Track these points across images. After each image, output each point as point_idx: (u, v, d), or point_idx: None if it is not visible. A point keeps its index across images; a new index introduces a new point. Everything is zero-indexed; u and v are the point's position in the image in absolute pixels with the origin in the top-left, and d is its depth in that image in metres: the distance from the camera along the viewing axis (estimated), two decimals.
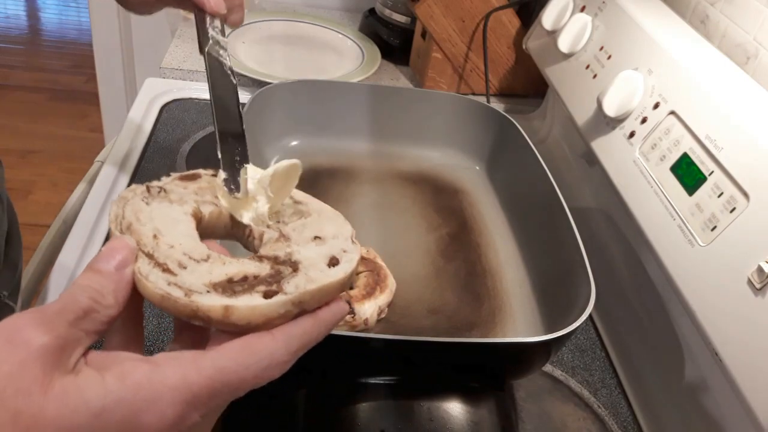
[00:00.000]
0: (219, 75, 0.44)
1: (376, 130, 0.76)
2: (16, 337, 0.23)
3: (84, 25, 3.05)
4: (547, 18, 0.79)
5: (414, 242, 0.65)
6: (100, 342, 0.28)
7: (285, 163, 0.34)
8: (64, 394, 0.23)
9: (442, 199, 0.72)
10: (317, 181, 0.70)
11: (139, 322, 0.31)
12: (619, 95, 0.60)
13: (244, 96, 0.92)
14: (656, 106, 0.57)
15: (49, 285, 0.61)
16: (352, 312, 0.53)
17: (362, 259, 0.56)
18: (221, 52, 0.45)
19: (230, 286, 0.28)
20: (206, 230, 0.35)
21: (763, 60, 0.59)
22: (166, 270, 0.29)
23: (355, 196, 0.70)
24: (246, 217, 0.34)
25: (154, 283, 0.28)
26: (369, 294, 0.54)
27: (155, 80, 0.93)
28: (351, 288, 0.32)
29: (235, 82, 0.44)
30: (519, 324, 0.57)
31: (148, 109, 0.86)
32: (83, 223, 0.67)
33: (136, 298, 0.29)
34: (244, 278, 0.29)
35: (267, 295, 0.28)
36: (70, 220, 0.70)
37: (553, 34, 0.78)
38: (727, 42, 0.63)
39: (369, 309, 0.53)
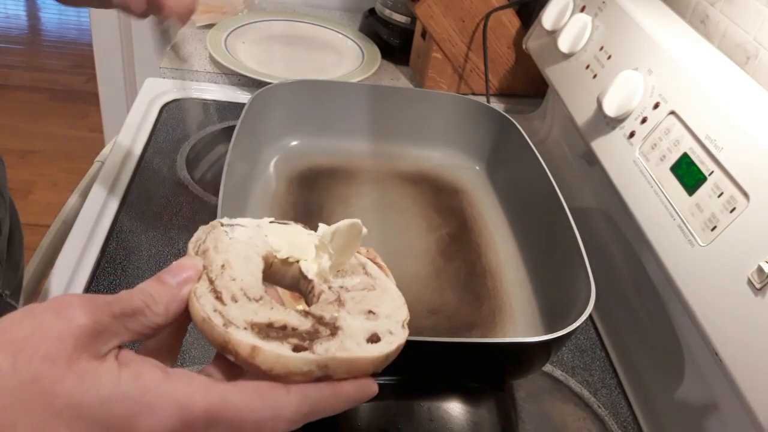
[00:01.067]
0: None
1: (376, 130, 0.76)
2: (64, 311, 0.25)
3: (84, 25, 3.05)
4: (547, 18, 0.79)
5: (414, 242, 0.65)
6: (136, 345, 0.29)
7: (346, 222, 0.35)
8: (84, 374, 0.25)
9: (442, 199, 0.72)
10: (317, 181, 0.70)
11: (180, 335, 0.32)
12: (619, 95, 0.60)
13: (244, 96, 0.92)
14: (656, 106, 0.57)
15: (50, 285, 0.61)
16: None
17: None
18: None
19: (267, 330, 0.29)
20: (275, 276, 0.36)
21: (763, 60, 0.59)
22: (218, 298, 0.30)
23: (355, 196, 0.70)
24: (311, 272, 0.35)
25: (203, 305, 0.29)
26: None
27: (155, 80, 0.93)
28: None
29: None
30: (519, 324, 0.57)
31: (148, 109, 0.86)
32: (83, 223, 0.67)
33: (185, 315, 0.30)
34: (283, 327, 0.30)
35: (296, 349, 0.28)
36: (70, 220, 0.70)
37: (553, 34, 0.78)
38: (727, 42, 0.63)
39: None
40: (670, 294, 0.55)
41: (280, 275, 0.36)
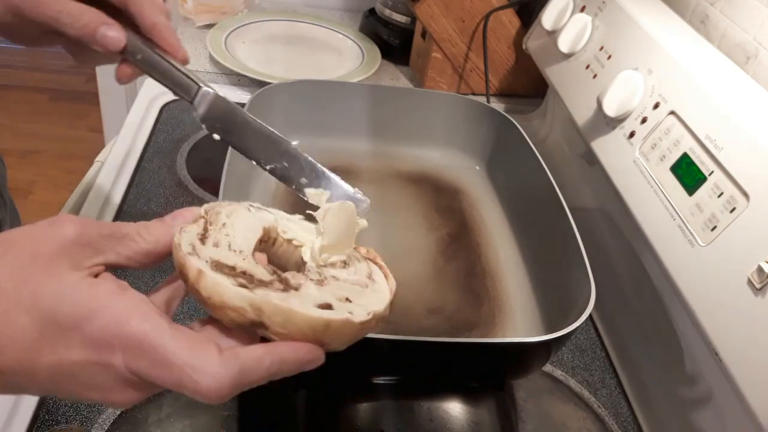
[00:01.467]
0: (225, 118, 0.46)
1: (376, 130, 0.76)
2: (56, 223, 0.29)
3: None
4: (547, 18, 0.79)
5: (414, 242, 0.65)
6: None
7: (338, 202, 0.36)
8: (54, 274, 0.27)
9: (442, 199, 0.72)
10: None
11: (175, 298, 0.32)
12: (619, 95, 0.60)
13: (244, 96, 0.92)
14: (656, 106, 0.57)
15: None
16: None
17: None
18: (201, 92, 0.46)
19: (223, 267, 0.30)
20: (280, 258, 0.36)
21: (763, 60, 0.59)
22: (202, 239, 0.31)
23: None
24: (307, 255, 0.35)
25: (182, 236, 0.31)
26: None
27: None
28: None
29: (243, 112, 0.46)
30: (519, 324, 0.57)
31: (148, 109, 0.86)
32: None
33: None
34: (243, 272, 0.30)
35: (238, 285, 0.29)
36: None
37: (553, 34, 0.78)
38: (727, 42, 0.63)
39: None
40: (670, 294, 0.55)
41: (285, 258, 0.36)
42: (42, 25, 0.40)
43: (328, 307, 0.30)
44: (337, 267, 0.35)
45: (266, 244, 0.35)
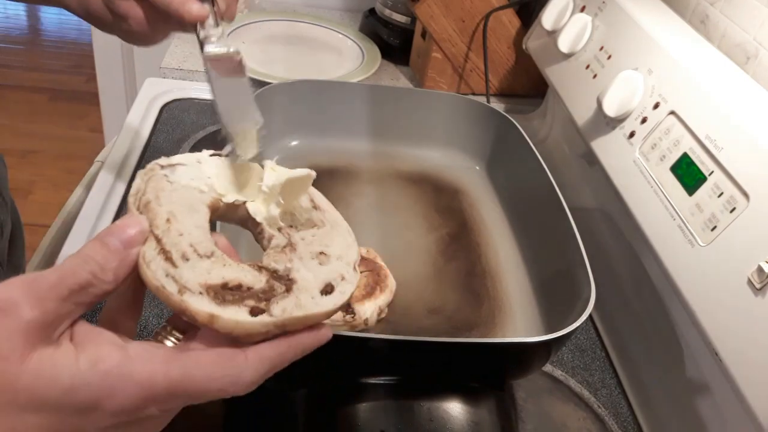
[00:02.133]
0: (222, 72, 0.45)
1: (376, 130, 0.76)
2: (10, 308, 0.25)
3: (84, 25, 3.03)
4: (547, 18, 0.79)
5: (414, 242, 0.65)
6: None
7: (299, 172, 0.35)
8: (40, 367, 0.25)
9: (442, 199, 0.72)
10: (317, 181, 0.70)
11: (140, 292, 0.32)
12: (619, 95, 0.60)
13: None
14: (656, 106, 0.57)
15: None
16: (352, 312, 0.53)
17: (362, 259, 0.56)
18: (218, 48, 0.46)
19: (223, 293, 0.29)
20: (223, 216, 0.35)
21: (763, 60, 0.59)
22: (168, 259, 0.29)
23: (356, 196, 0.70)
24: (259, 216, 0.35)
25: (154, 272, 0.29)
26: (369, 294, 0.54)
27: (155, 80, 0.93)
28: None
29: (245, 75, 0.45)
30: (519, 324, 0.57)
31: (148, 109, 0.86)
32: (83, 223, 0.66)
33: (138, 277, 0.30)
34: (239, 286, 0.30)
35: (253, 312, 0.29)
36: (70, 220, 0.70)
37: (553, 34, 0.78)
38: (727, 42, 0.63)
39: (369, 309, 0.53)
40: (670, 294, 0.55)
41: (228, 216, 0.36)
42: None
43: (330, 288, 0.31)
44: (289, 219, 0.36)
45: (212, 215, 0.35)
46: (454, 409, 0.50)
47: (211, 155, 0.37)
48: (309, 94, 0.73)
